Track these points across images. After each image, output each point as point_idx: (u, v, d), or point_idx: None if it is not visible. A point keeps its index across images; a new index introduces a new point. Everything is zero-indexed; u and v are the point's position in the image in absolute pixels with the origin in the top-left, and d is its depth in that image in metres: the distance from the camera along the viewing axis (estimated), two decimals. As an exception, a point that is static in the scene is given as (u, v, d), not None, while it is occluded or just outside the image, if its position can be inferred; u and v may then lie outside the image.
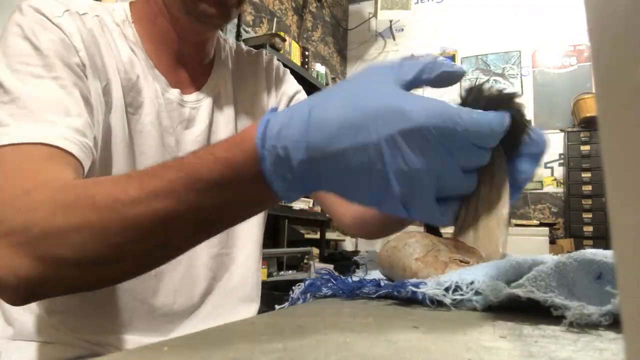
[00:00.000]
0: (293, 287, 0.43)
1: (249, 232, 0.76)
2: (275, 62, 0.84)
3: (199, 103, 0.70)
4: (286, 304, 0.42)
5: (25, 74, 0.52)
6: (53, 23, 0.56)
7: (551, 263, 0.30)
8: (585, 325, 0.26)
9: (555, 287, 0.28)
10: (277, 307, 0.39)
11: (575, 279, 0.28)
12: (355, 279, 0.43)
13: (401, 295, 0.37)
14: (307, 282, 0.43)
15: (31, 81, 0.52)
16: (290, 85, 0.84)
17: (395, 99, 0.34)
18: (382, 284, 0.40)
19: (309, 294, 0.42)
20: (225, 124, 0.73)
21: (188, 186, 0.37)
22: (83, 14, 0.60)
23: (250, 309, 0.75)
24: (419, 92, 0.35)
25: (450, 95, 0.43)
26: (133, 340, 0.62)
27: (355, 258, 0.61)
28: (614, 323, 0.25)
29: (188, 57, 0.70)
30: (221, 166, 0.37)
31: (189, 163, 0.38)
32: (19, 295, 0.43)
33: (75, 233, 0.40)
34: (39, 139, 0.48)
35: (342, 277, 0.44)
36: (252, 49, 0.84)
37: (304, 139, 0.34)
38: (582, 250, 0.43)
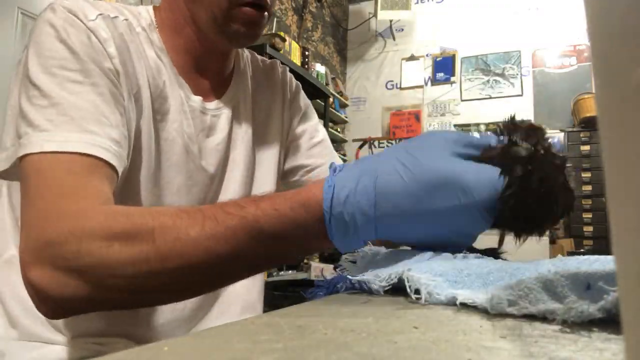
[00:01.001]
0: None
1: None
2: (289, 74, 0.85)
3: (220, 111, 0.70)
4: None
5: (63, 78, 0.50)
6: (87, 26, 0.54)
7: (535, 279, 0.30)
8: (580, 323, 0.26)
9: (547, 301, 0.29)
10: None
11: (564, 294, 0.28)
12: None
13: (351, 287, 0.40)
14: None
15: (70, 87, 0.50)
16: (303, 100, 0.86)
17: (452, 169, 0.40)
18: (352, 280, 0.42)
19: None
20: (243, 134, 0.73)
21: (250, 236, 0.40)
22: (114, 17, 0.59)
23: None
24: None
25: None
26: (136, 341, 0.62)
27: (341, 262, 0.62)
28: (612, 324, 0.25)
29: (210, 67, 0.70)
30: (286, 224, 0.40)
31: (251, 214, 0.41)
32: (60, 311, 0.44)
33: (131, 266, 0.41)
34: (80, 149, 0.47)
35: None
36: (265, 58, 0.84)
37: (371, 207, 0.39)
38: (565, 260, 0.42)
